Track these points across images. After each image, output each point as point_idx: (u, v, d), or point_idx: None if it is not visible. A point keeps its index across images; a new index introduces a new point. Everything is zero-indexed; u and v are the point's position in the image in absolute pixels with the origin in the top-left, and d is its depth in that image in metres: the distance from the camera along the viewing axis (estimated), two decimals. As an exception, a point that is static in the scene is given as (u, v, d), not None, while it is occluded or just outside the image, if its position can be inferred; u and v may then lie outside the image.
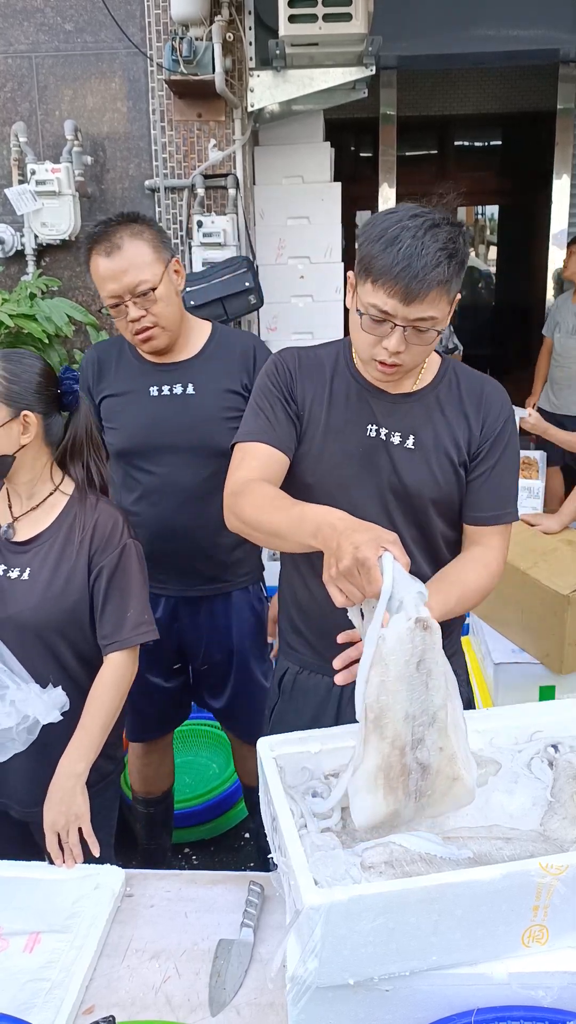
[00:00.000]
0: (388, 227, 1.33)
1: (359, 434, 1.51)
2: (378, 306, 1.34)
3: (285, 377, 1.54)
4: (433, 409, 1.53)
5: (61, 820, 1.47)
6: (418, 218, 1.33)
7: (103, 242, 1.88)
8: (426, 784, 1.13)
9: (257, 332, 4.11)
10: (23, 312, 2.97)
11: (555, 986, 1.03)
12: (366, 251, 1.34)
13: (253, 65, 3.55)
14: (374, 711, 1.13)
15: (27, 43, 3.55)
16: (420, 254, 1.30)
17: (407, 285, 1.30)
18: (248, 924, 1.30)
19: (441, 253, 1.31)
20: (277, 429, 1.51)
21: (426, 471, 1.51)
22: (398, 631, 1.11)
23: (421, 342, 1.38)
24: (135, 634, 1.62)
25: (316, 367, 1.56)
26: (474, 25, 4.20)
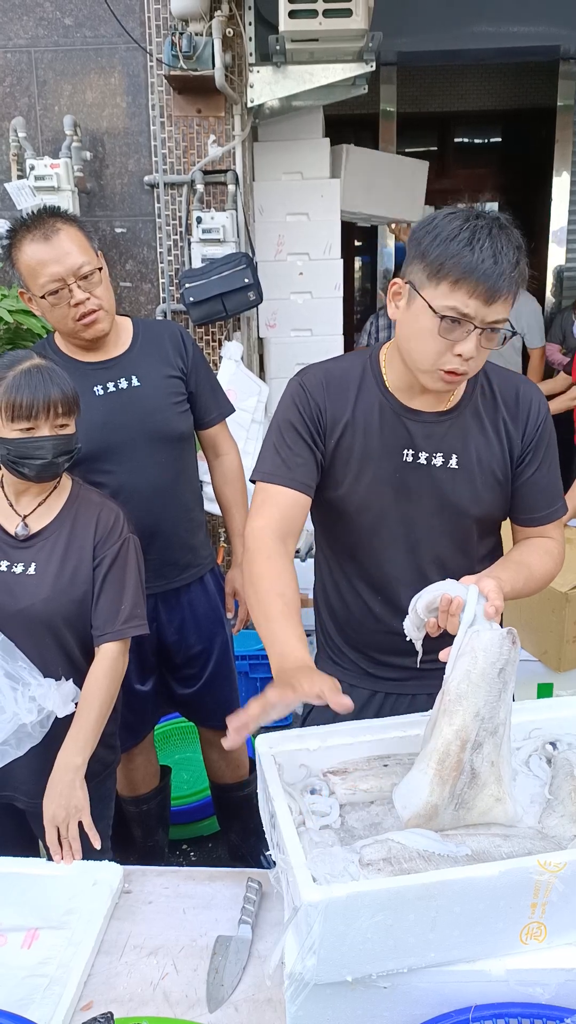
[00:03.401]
0: (459, 226, 1.28)
1: (395, 460, 1.47)
2: (458, 308, 1.29)
3: (312, 409, 1.48)
4: (472, 424, 1.49)
5: (61, 813, 1.48)
6: (483, 218, 1.30)
7: (37, 229, 1.86)
8: (471, 794, 1.18)
9: (256, 329, 4.11)
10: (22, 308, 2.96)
11: (553, 983, 1.04)
12: (439, 251, 1.28)
13: (253, 61, 3.54)
14: (451, 696, 1.19)
15: (26, 38, 3.53)
16: (502, 252, 1.27)
17: (493, 284, 1.27)
18: (246, 921, 1.30)
19: (518, 252, 1.30)
20: (296, 469, 1.47)
21: (470, 490, 1.49)
22: (492, 632, 1.20)
23: (490, 346, 1.35)
24: (128, 626, 1.66)
25: (343, 388, 1.49)
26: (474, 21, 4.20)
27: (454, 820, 1.18)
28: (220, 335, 3.71)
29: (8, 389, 1.55)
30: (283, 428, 1.49)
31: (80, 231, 1.91)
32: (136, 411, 2.01)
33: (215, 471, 2.31)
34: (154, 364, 2.06)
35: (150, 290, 3.71)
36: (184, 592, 2.18)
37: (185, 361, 2.11)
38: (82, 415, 1.94)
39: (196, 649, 2.22)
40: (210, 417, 2.20)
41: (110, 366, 2.02)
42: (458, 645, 1.21)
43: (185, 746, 3.05)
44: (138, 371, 2.03)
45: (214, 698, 2.28)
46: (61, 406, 1.58)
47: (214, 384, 2.22)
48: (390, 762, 1.29)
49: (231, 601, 2.28)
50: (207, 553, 2.26)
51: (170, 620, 2.17)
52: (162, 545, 2.09)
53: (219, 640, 2.26)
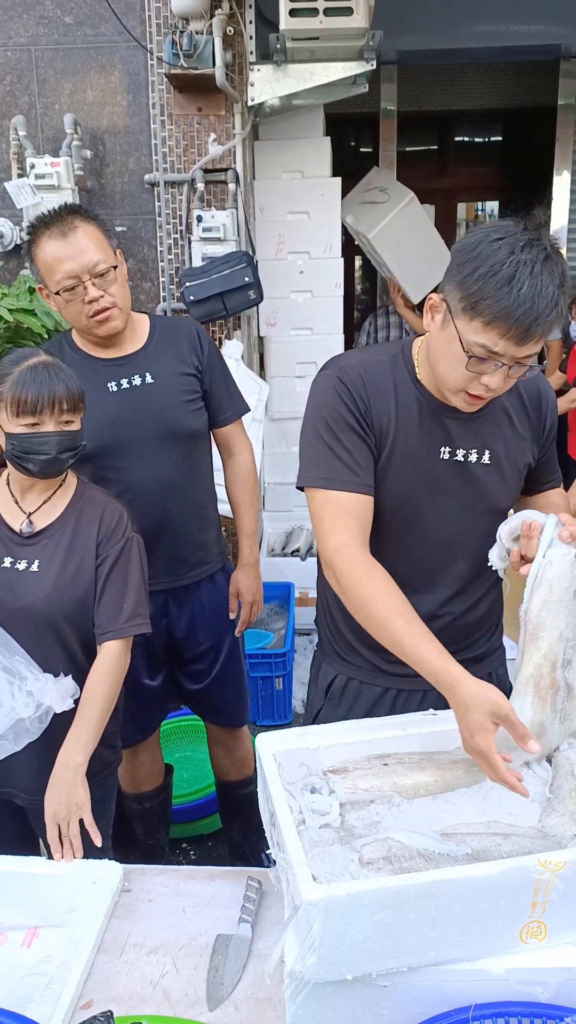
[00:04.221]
0: (500, 262, 1.22)
1: (433, 457, 1.45)
2: (487, 347, 1.26)
3: (358, 403, 1.42)
4: (502, 419, 1.49)
5: (62, 811, 1.48)
6: (531, 248, 1.23)
7: (55, 226, 1.86)
8: (571, 706, 1.30)
9: (257, 328, 4.11)
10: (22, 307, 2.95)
11: (553, 982, 1.04)
12: (475, 288, 1.24)
13: (253, 59, 3.54)
14: (533, 624, 1.30)
15: (27, 36, 3.53)
16: (541, 294, 1.22)
17: (527, 328, 1.23)
18: (246, 919, 1.30)
19: (559, 291, 1.24)
20: (362, 472, 1.41)
21: (501, 484, 1.51)
22: (561, 560, 1.29)
23: (518, 376, 1.33)
24: (130, 625, 1.66)
25: (381, 383, 1.44)
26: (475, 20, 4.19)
27: (561, 733, 1.31)
28: (220, 334, 3.71)
29: (14, 385, 1.55)
30: (334, 426, 1.42)
31: (99, 229, 1.91)
32: (148, 408, 2.01)
33: (227, 470, 2.31)
34: (169, 361, 2.07)
35: (150, 289, 3.71)
36: (194, 589, 2.18)
37: (201, 359, 2.11)
38: (95, 411, 1.94)
39: (205, 645, 2.22)
40: (224, 416, 2.20)
41: (124, 363, 2.03)
42: (534, 574, 1.30)
43: (186, 744, 3.05)
44: (152, 368, 2.04)
45: (223, 694, 2.29)
46: (66, 403, 1.58)
47: (230, 383, 2.22)
48: (390, 761, 1.29)
49: (234, 602, 2.27)
50: (219, 551, 2.27)
51: (180, 616, 2.18)
52: (172, 542, 2.09)
53: (229, 637, 2.26)
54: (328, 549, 1.41)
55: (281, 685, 3.37)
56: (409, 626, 1.30)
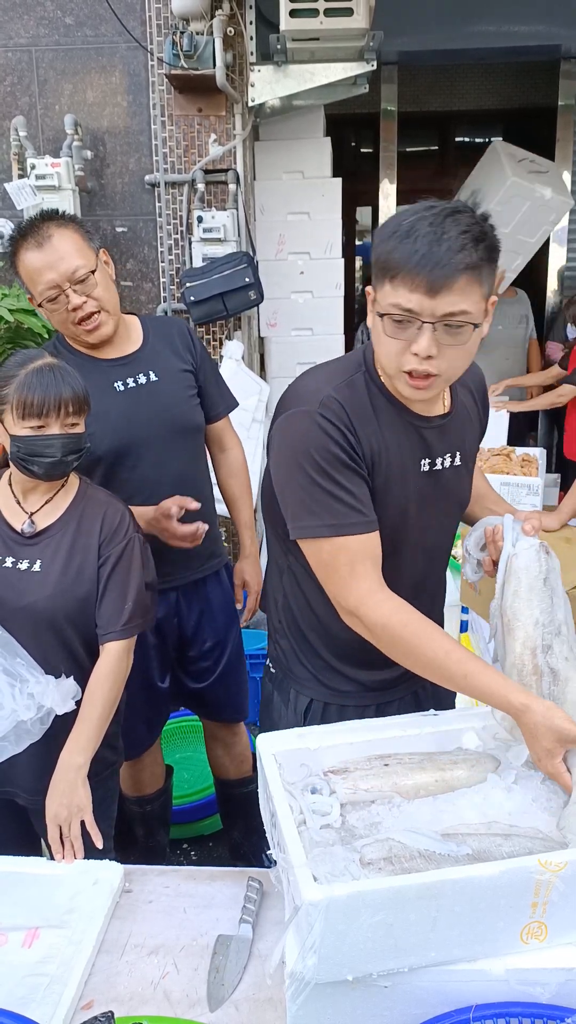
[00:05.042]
0: (403, 220, 1.22)
1: (415, 472, 1.41)
2: (400, 304, 1.21)
3: (348, 436, 1.32)
4: (465, 416, 1.49)
5: (64, 812, 1.48)
6: (435, 207, 1.22)
7: (31, 236, 1.85)
8: (558, 690, 1.32)
9: (257, 328, 4.11)
10: (23, 307, 2.96)
11: (553, 983, 1.04)
12: (381, 250, 1.23)
13: (254, 60, 3.54)
14: (508, 616, 1.36)
15: (27, 37, 3.53)
16: (441, 239, 1.18)
17: (431, 272, 1.17)
18: (247, 920, 1.30)
19: (464, 236, 1.19)
20: (366, 509, 1.34)
21: (467, 480, 1.52)
22: (527, 551, 1.37)
23: (456, 342, 1.24)
24: (132, 625, 1.65)
25: (362, 408, 1.35)
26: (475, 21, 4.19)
27: None
28: (221, 334, 3.71)
29: (20, 387, 1.55)
30: (328, 467, 1.31)
31: (76, 232, 1.89)
32: (157, 405, 2.02)
33: (220, 465, 2.32)
34: (168, 359, 2.08)
35: (151, 289, 3.71)
36: (203, 585, 2.20)
37: (194, 356, 2.13)
38: (105, 412, 1.95)
39: (211, 642, 2.23)
40: (216, 411, 2.22)
41: (128, 362, 2.03)
42: (501, 570, 1.38)
43: (186, 745, 3.05)
44: (155, 366, 2.04)
45: (225, 692, 2.30)
46: (72, 405, 1.58)
47: (219, 379, 2.24)
48: (391, 761, 1.29)
49: (240, 592, 2.30)
50: (222, 545, 2.30)
51: (190, 613, 2.19)
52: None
53: (233, 634, 2.28)
54: (351, 601, 1.35)
55: (281, 685, 3.36)
56: (461, 666, 1.29)
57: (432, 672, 1.33)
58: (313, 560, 1.39)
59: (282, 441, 1.37)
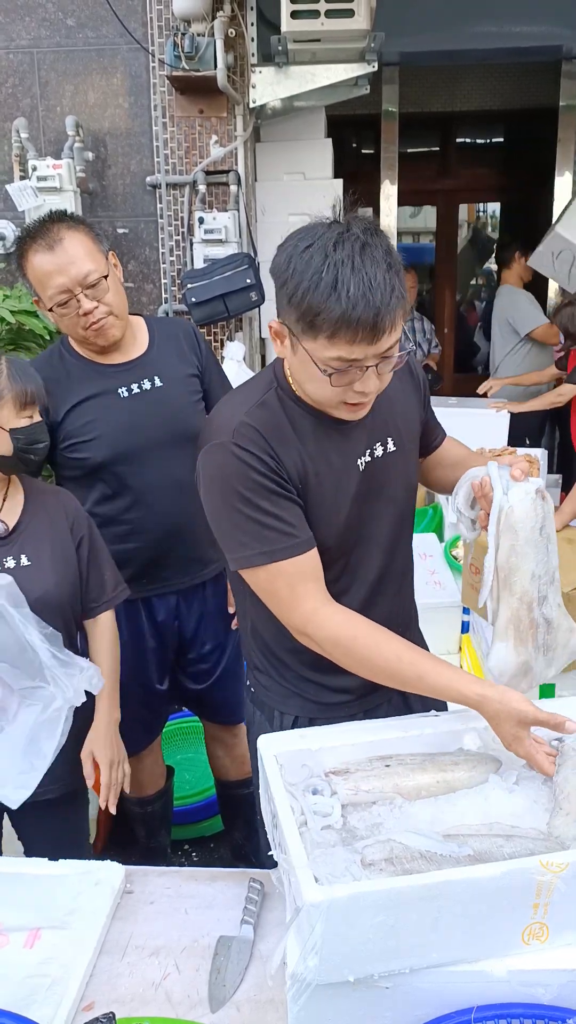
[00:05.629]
0: (318, 270, 1.15)
1: (352, 472, 1.39)
2: (343, 357, 1.18)
3: (267, 462, 1.30)
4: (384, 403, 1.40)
5: (117, 756, 1.76)
6: (343, 245, 1.16)
7: (41, 238, 1.82)
8: (551, 639, 1.34)
9: (258, 329, 4.11)
10: (24, 308, 2.96)
11: (555, 984, 1.03)
12: (305, 306, 1.16)
13: (255, 61, 3.54)
14: (504, 571, 1.32)
15: (29, 38, 3.54)
16: (372, 287, 1.14)
17: (373, 324, 1.15)
18: (248, 921, 1.30)
19: (389, 273, 1.16)
20: (297, 530, 1.32)
21: (409, 462, 1.50)
22: (523, 500, 1.30)
23: (390, 367, 1.25)
24: (117, 594, 1.84)
25: (278, 426, 1.33)
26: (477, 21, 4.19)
27: (545, 666, 1.36)
28: (222, 335, 3.71)
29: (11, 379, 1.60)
30: (252, 496, 1.29)
31: (87, 235, 1.87)
32: (162, 411, 2.01)
33: None
34: (174, 363, 2.06)
35: (152, 290, 3.72)
36: (202, 588, 2.19)
37: (200, 359, 2.12)
38: (109, 417, 1.97)
39: (211, 645, 2.23)
40: None
41: (132, 367, 2.01)
42: (494, 522, 1.30)
43: (187, 747, 3.05)
44: (160, 371, 2.03)
45: (224, 694, 2.30)
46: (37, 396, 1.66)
47: (224, 381, 2.22)
48: (392, 762, 1.29)
49: None
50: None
51: (190, 616, 2.18)
52: (189, 541, 2.09)
53: (232, 636, 2.27)
54: (297, 622, 1.34)
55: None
56: (414, 667, 1.30)
57: (388, 678, 1.33)
58: (255, 588, 1.38)
59: (205, 476, 1.36)
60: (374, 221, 1.23)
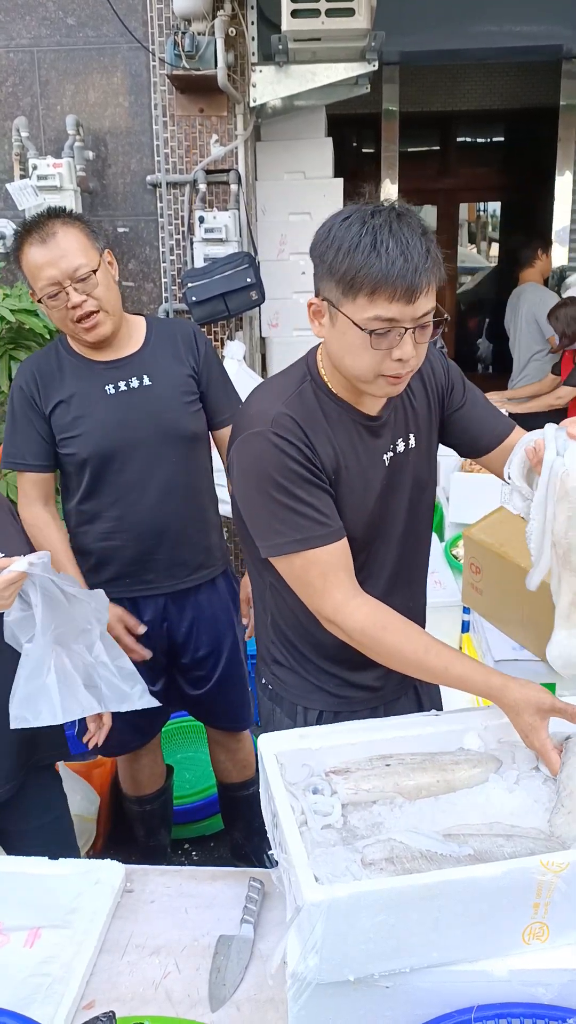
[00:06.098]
0: (357, 232, 1.22)
1: (378, 467, 1.44)
2: (382, 316, 1.23)
3: (303, 450, 1.34)
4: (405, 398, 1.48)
5: None
6: (379, 214, 1.23)
7: (36, 231, 1.86)
8: None
9: (259, 328, 4.11)
10: (25, 308, 2.96)
11: (555, 983, 1.03)
12: (345, 267, 1.22)
13: (255, 60, 3.54)
14: (563, 547, 1.18)
15: (29, 37, 3.54)
16: (408, 246, 1.20)
17: (411, 282, 1.20)
18: (248, 920, 1.30)
19: (424, 239, 1.23)
20: (330, 519, 1.36)
21: (427, 459, 1.53)
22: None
23: (426, 338, 1.29)
24: None
25: (313, 419, 1.37)
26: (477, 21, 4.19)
27: None
28: (222, 335, 3.71)
29: None
30: (287, 484, 1.34)
31: (81, 231, 1.89)
32: (147, 410, 2.00)
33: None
34: (166, 363, 2.06)
35: (152, 289, 3.72)
36: (194, 593, 2.17)
37: (197, 360, 2.10)
38: (94, 414, 1.96)
39: (206, 651, 2.21)
40: (223, 417, 2.17)
41: (121, 365, 2.02)
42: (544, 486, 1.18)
43: (188, 746, 3.05)
44: (150, 370, 2.03)
45: (224, 699, 2.28)
46: None
47: (227, 385, 2.19)
48: (392, 762, 1.29)
49: (246, 608, 2.26)
50: (221, 554, 2.25)
51: (180, 621, 2.16)
52: (172, 544, 2.08)
53: (229, 642, 2.24)
54: (327, 611, 1.38)
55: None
56: (440, 659, 1.34)
57: (414, 669, 1.37)
58: (287, 576, 1.41)
59: (240, 465, 1.39)
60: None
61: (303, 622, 1.49)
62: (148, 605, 2.12)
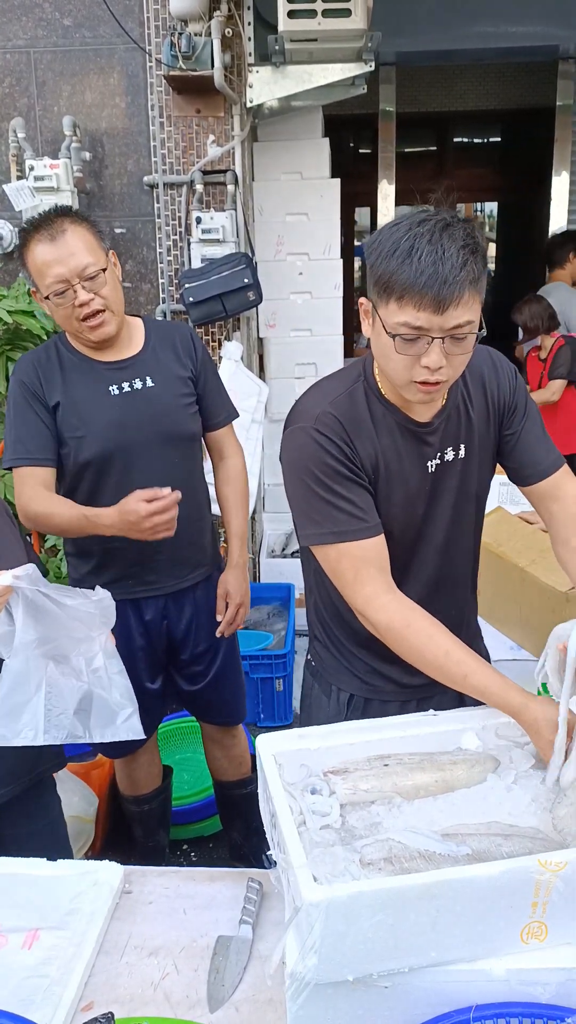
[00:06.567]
0: (399, 239, 1.24)
1: (422, 473, 1.46)
2: (409, 323, 1.25)
3: (343, 449, 1.39)
4: (462, 410, 1.49)
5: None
6: (427, 222, 1.25)
7: (44, 229, 1.86)
8: None
9: (256, 329, 4.11)
10: (21, 309, 2.96)
11: (553, 982, 1.04)
12: (382, 270, 1.26)
13: (252, 61, 3.54)
14: None
15: (25, 38, 3.53)
16: (444, 257, 1.22)
17: (437, 293, 1.22)
18: (247, 921, 1.30)
19: (464, 251, 1.23)
20: (366, 515, 1.40)
21: (477, 472, 1.53)
22: None
23: (461, 350, 1.30)
24: None
25: (358, 419, 1.42)
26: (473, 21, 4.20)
27: None
28: (220, 335, 3.71)
29: None
30: (325, 479, 1.39)
31: (89, 231, 1.90)
32: (150, 411, 2.01)
33: (218, 472, 2.32)
34: (167, 365, 2.07)
35: (149, 290, 3.71)
36: (192, 591, 2.19)
37: (195, 363, 2.13)
38: (98, 415, 1.96)
39: (203, 647, 2.23)
40: (217, 420, 2.21)
41: (125, 366, 2.02)
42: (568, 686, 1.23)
43: (186, 746, 3.05)
44: (152, 372, 2.04)
45: (220, 695, 2.29)
46: None
47: (221, 387, 2.23)
48: (391, 762, 1.29)
49: (222, 604, 2.24)
50: (215, 552, 2.29)
51: (179, 618, 2.18)
52: (175, 545, 2.07)
53: (227, 638, 2.27)
54: (358, 604, 1.42)
55: (282, 686, 3.37)
56: (460, 666, 1.35)
57: (434, 672, 1.38)
58: (323, 564, 1.47)
59: (286, 456, 1.46)
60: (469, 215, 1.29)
61: (339, 608, 1.55)
62: (150, 605, 2.13)
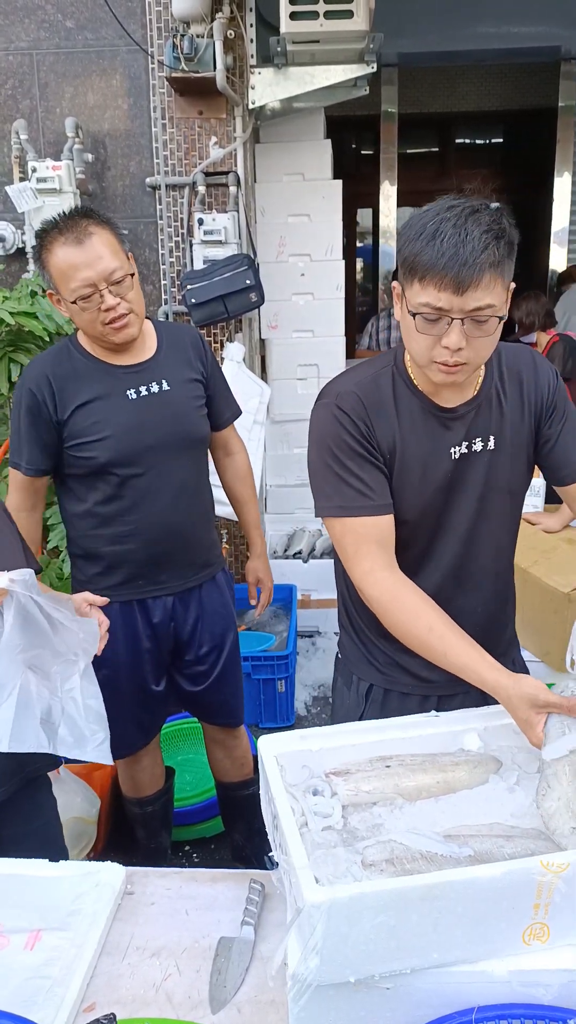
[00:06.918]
0: (426, 222, 1.28)
1: (444, 459, 1.47)
2: (430, 303, 1.28)
3: (360, 427, 1.43)
4: (496, 403, 1.49)
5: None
6: (455, 207, 1.28)
7: (69, 231, 1.84)
8: None
9: (258, 330, 4.11)
10: (24, 310, 2.96)
11: (555, 984, 1.03)
12: (408, 251, 1.29)
13: (254, 62, 3.55)
14: None
15: (28, 40, 3.54)
16: (465, 240, 1.24)
17: (457, 274, 1.24)
18: (249, 922, 1.30)
19: (487, 235, 1.25)
20: (375, 494, 1.43)
21: (509, 466, 1.52)
22: None
23: (482, 333, 1.31)
24: None
25: (380, 400, 1.45)
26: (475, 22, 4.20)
27: None
28: (222, 336, 3.72)
29: None
30: (339, 454, 1.43)
31: (112, 234, 1.89)
32: (167, 415, 2.03)
33: (226, 469, 2.35)
34: (180, 368, 2.09)
35: (152, 292, 3.72)
36: (198, 591, 2.20)
37: (205, 365, 2.15)
38: (117, 418, 1.97)
39: (208, 647, 2.23)
40: (223, 419, 2.25)
41: (141, 370, 2.03)
42: None
43: (188, 748, 3.05)
44: (167, 375, 2.05)
45: (222, 695, 2.30)
46: None
47: (225, 388, 2.26)
48: (392, 763, 1.29)
49: (254, 590, 2.39)
50: (219, 552, 2.31)
51: (186, 618, 2.19)
52: (186, 545, 2.11)
53: (230, 638, 2.28)
54: (356, 577, 1.46)
55: (283, 688, 3.37)
56: (442, 642, 1.36)
57: (419, 648, 1.41)
58: (330, 536, 1.51)
59: (310, 429, 1.51)
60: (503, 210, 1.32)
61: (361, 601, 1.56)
62: (157, 606, 2.13)
